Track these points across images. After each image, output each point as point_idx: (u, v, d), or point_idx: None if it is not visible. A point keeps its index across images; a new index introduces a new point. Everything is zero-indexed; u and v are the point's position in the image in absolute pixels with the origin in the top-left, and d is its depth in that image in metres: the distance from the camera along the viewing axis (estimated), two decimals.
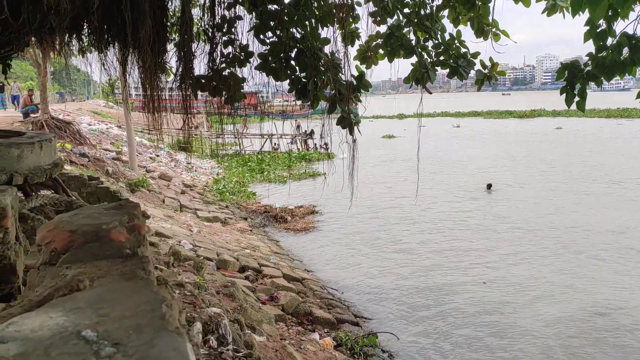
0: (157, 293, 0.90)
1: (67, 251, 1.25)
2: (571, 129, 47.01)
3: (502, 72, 7.47)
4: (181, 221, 13.77)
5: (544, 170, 25.37)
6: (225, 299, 7.66)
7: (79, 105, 38.54)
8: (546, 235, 14.63)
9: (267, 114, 9.02)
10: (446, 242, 14.23)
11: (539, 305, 10.05)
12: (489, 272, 11.84)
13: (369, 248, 13.85)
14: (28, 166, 4.62)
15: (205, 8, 6.03)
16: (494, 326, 9.24)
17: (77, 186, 9.79)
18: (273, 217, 17.03)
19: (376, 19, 6.87)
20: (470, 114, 74.99)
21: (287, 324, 8.65)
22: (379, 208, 18.26)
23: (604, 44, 4.78)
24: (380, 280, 11.54)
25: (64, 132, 17.59)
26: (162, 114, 6.55)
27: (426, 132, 46.33)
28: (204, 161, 27.36)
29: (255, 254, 12.03)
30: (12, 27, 4.85)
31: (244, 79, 6.12)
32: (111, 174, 15.90)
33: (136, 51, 5.46)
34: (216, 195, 19.97)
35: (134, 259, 1.27)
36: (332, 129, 6.58)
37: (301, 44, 6.01)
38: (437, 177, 23.84)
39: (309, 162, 29.21)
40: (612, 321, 9.32)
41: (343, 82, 6.17)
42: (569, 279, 11.30)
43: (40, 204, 3.82)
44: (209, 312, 6.03)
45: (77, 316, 0.80)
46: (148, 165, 21.44)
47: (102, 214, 1.40)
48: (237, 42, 6.10)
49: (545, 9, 6.51)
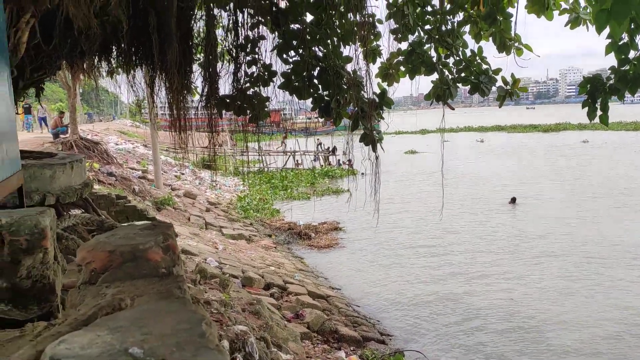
0: (195, 312, 0.94)
1: (106, 271, 1.30)
2: (598, 142, 46.14)
3: (524, 89, 7.43)
4: (206, 239, 13.90)
5: (569, 184, 25.00)
6: (251, 316, 7.69)
7: (106, 125, 39.41)
8: (572, 249, 14.39)
9: (290, 131, 9.13)
10: (471, 257, 14.05)
11: (568, 319, 9.85)
12: (515, 287, 11.66)
13: (394, 265, 13.76)
14: (60, 186, 4.77)
15: (229, 28, 6.16)
16: (523, 342, 9.08)
17: (106, 205, 10.00)
18: (297, 234, 17.06)
19: (397, 36, 6.92)
20: (494, 129, 74.26)
21: (313, 341, 8.62)
22: (403, 224, 18.15)
23: (626, 57, 4.74)
24: (406, 297, 11.44)
25: (92, 152, 17.98)
26: (187, 132, 6.68)
27: (449, 147, 45.80)
28: (227, 179, 27.61)
29: (280, 271, 12.06)
30: (45, 52, 5.03)
31: (267, 98, 6.21)
32: (138, 193, 16.17)
33: (163, 73, 5.60)
34: (240, 212, 20.10)
35: (169, 278, 1.31)
36: (354, 145, 6.61)
37: (323, 62, 6.09)
38: (461, 192, 23.63)
39: (331, 178, 29.26)
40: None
41: (365, 99, 6.21)
42: (597, 293, 11.06)
43: (72, 224, 3.92)
44: (236, 330, 6.06)
45: (122, 334, 0.84)
46: (173, 183, 21.73)
47: (137, 235, 1.44)
48: (260, 62, 6.21)
49: (569, 21, 6.49)
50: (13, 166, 3.45)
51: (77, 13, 4.15)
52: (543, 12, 6.54)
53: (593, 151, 39.68)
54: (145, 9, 4.82)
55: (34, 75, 5.20)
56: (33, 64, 4.95)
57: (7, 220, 1.70)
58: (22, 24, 4.24)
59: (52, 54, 5.11)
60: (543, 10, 6.52)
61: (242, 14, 5.94)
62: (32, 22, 4.34)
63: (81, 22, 4.27)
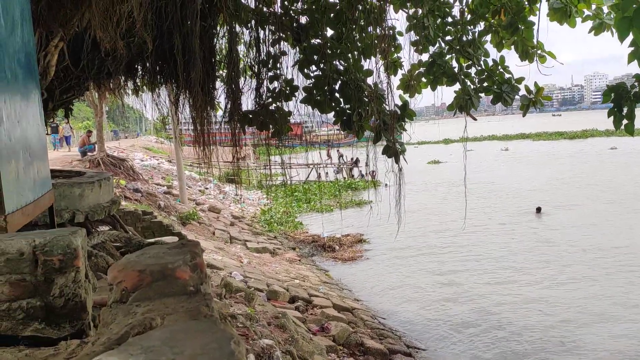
0: (224, 331, 0.96)
1: (136, 289, 1.34)
2: (626, 149, 45.11)
3: (548, 97, 7.34)
4: (231, 253, 13.99)
5: (596, 192, 24.48)
6: (276, 330, 7.70)
7: (131, 142, 40.11)
8: (598, 257, 14.12)
9: (312, 143, 9.15)
10: (497, 268, 13.87)
11: (599, 329, 9.63)
12: (543, 297, 11.45)
13: (418, 276, 13.65)
14: (89, 204, 4.88)
15: (250, 45, 6.25)
16: (553, 354, 8.88)
17: (133, 221, 10.15)
18: (321, 247, 17.05)
19: (418, 48, 6.93)
20: (519, 137, 73.31)
21: (339, 355, 8.58)
22: (427, 235, 18.00)
23: None
24: (431, 309, 11.32)
25: (119, 169, 18.32)
26: (211, 147, 6.77)
27: (474, 156, 45.74)
28: (251, 192, 27.81)
29: (305, 284, 12.06)
30: (73, 74, 5.19)
31: (290, 113, 6.27)
32: (163, 208, 16.39)
33: (187, 90, 5.71)
34: (264, 226, 20.20)
35: (197, 295, 1.34)
36: (377, 157, 6.62)
37: (344, 76, 6.13)
38: (485, 202, 23.45)
39: (354, 190, 29.23)
40: None
41: (387, 112, 6.22)
42: (626, 302, 10.81)
43: (101, 241, 4.00)
44: (262, 344, 6.08)
45: (154, 354, 0.87)
46: (198, 198, 21.97)
47: (166, 254, 1.48)
48: (282, 77, 6.28)
49: (592, 28, 6.41)
50: (44, 186, 3.56)
51: (104, 36, 4.27)
52: (565, 20, 6.49)
53: (621, 158, 38.82)
54: (169, 30, 4.93)
55: (63, 97, 5.36)
56: (62, 86, 5.11)
57: (41, 241, 1.76)
58: (51, 48, 4.38)
59: (80, 76, 5.26)
60: (565, 18, 6.47)
61: (263, 30, 6.03)
62: (60, 46, 4.49)
63: (108, 44, 4.40)
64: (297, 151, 8.89)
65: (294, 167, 34.51)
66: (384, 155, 6.37)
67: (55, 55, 4.45)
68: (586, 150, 46.94)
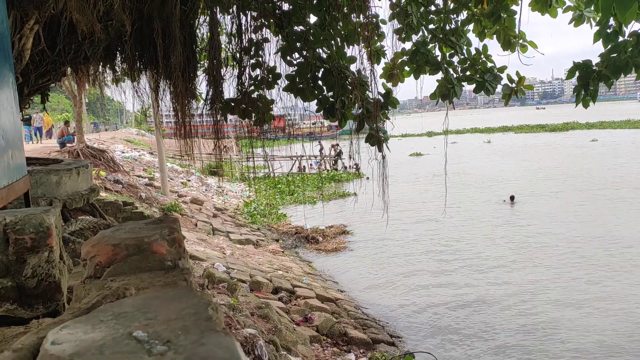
0: (201, 297, 0.92)
1: (111, 264, 1.29)
2: (606, 141, 45.87)
3: (529, 87, 7.39)
4: (214, 244, 13.90)
5: (571, 182, 25.12)
6: (259, 320, 7.66)
7: (112, 134, 39.60)
8: (571, 246, 14.55)
9: (295, 136, 9.08)
10: (477, 257, 14.04)
11: (578, 318, 9.77)
12: (523, 287, 11.60)
13: (401, 266, 13.70)
14: (66, 192, 4.77)
15: (232, 32, 6.16)
16: (534, 342, 8.99)
17: (113, 212, 10.01)
18: (304, 238, 17.02)
19: (401, 36, 6.91)
20: (501, 129, 74.12)
21: (322, 344, 8.58)
22: (409, 226, 18.10)
23: (615, 44, 4.76)
24: (414, 299, 11.37)
25: (99, 160, 18.04)
26: (193, 139, 6.69)
27: (457, 149, 46.25)
28: (234, 184, 27.65)
29: (288, 275, 12.03)
30: (49, 58, 5.05)
31: (272, 101, 6.20)
32: (144, 200, 16.21)
33: (167, 77, 5.61)
34: (247, 217, 20.11)
35: (175, 270, 1.29)
36: (361, 148, 6.59)
37: (328, 63, 6.08)
38: (465, 192, 23.88)
39: (338, 182, 29.24)
40: None
41: (370, 99, 6.19)
42: (596, 291, 11.09)
43: (79, 228, 3.92)
44: (245, 333, 6.04)
45: (126, 319, 0.82)
46: (180, 190, 21.78)
47: (142, 229, 1.43)
48: (264, 65, 6.20)
49: (572, 19, 6.46)
50: (19, 171, 3.46)
51: (81, 18, 4.17)
52: (546, 10, 6.52)
53: (601, 150, 39.43)
54: (149, 14, 4.83)
55: (39, 82, 5.22)
56: (38, 70, 4.97)
57: (12, 219, 1.69)
58: (26, 31, 4.26)
59: (57, 60, 5.13)
60: (546, 8, 6.51)
61: (245, 17, 5.95)
62: (36, 29, 4.37)
63: (85, 27, 4.29)
64: (280, 144, 8.83)
65: (278, 160, 34.48)
66: (367, 143, 6.34)
67: (30, 38, 4.33)
68: (567, 143, 47.53)
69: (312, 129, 31.70)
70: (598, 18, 5.57)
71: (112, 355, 0.70)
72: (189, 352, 0.70)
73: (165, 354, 0.70)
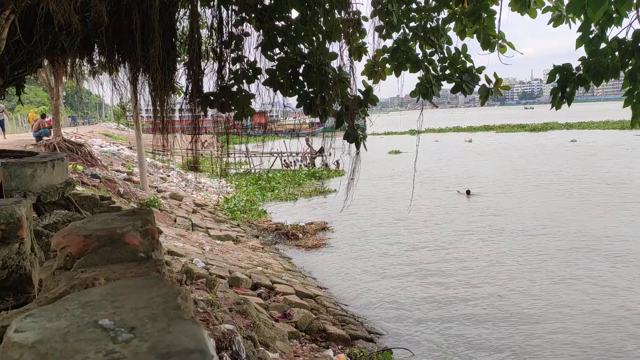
0: (171, 287, 0.91)
1: (81, 255, 1.27)
2: (586, 141, 46.79)
3: (506, 87, 7.46)
4: (193, 240, 13.80)
5: (535, 179, 26.30)
6: (238, 316, 7.64)
7: (90, 128, 39.06)
8: (507, 234, 15.78)
9: (276, 132, 9.05)
10: (455, 253, 14.35)
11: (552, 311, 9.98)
12: (500, 282, 11.85)
13: (380, 263, 13.80)
14: (41, 185, 4.69)
15: (212, 26, 6.10)
16: (509, 336, 9.13)
17: (90, 206, 9.87)
18: (284, 235, 17.01)
19: (382, 33, 6.92)
20: (483, 128, 75.06)
21: (301, 341, 8.59)
22: (388, 222, 18.34)
23: (596, 49, 4.83)
24: (393, 295, 11.45)
25: (76, 154, 17.79)
26: (172, 134, 6.62)
27: (438, 147, 46.80)
28: (214, 180, 27.49)
29: (268, 272, 12.01)
30: (25, 49, 4.96)
31: (252, 95, 6.16)
32: (123, 194, 16.02)
33: (146, 70, 5.54)
34: (227, 213, 20.01)
35: (148, 262, 1.28)
36: (344, 145, 6.59)
37: (309, 59, 6.06)
38: (436, 188, 24.87)
39: (318, 179, 29.27)
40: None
41: (350, 96, 6.19)
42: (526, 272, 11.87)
43: (54, 222, 3.86)
44: (222, 329, 6.01)
45: (93, 308, 0.81)
46: (159, 185, 21.58)
47: (115, 220, 1.41)
48: (245, 59, 6.15)
49: (551, 19, 6.55)
50: None
51: (58, 9, 4.09)
52: (526, 10, 6.61)
53: (580, 150, 40.18)
54: (127, 6, 4.76)
55: (14, 73, 5.12)
56: (13, 61, 4.87)
57: None
58: (1, 21, 4.18)
59: (33, 51, 5.03)
60: (525, 9, 6.59)
61: (226, 10, 5.90)
62: (11, 19, 4.28)
63: (62, 18, 4.21)
64: (260, 140, 8.79)
65: (258, 156, 34.37)
66: (345, 140, 6.34)
67: (5, 28, 4.25)
68: (547, 143, 48.30)
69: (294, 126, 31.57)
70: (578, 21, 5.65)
71: (76, 342, 0.69)
72: (155, 339, 0.69)
73: (131, 341, 0.69)
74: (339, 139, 6.52)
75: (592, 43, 4.93)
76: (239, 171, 32.11)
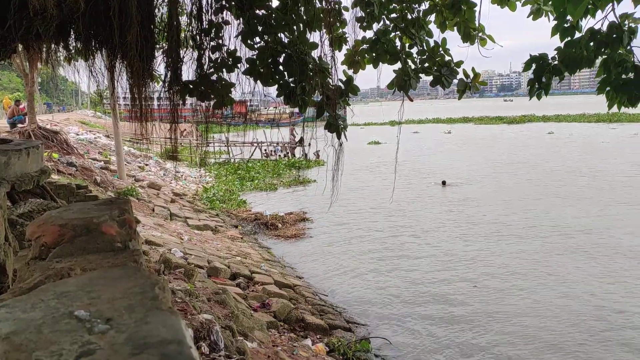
0: (148, 277, 0.90)
1: (57, 245, 1.25)
2: (563, 134, 47.61)
3: (483, 83, 7.52)
4: (171, 229, 13.70)
5: (510, 171, 26.80)
6: (216, 306, 7.62)
7: (66, 115, 38.37)
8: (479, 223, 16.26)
9: (257, 122, 8.99)
10: (432, 243, 14.52)
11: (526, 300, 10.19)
12: (475, 271, 12.07)
13: (359, 253, 13.88)
14: (15, 173, 4.58)
15: (192, 13, 6.02)
16: (485, 327, 9.28)
17: (66, 195, 9.72)
18: (264, 225, 16.99)
19: (362, 24, 6.91)
20: (462, 120, 75.75)
21: (279, 330, 8.61)
22: (366, 213, 18.49)
23: (571, 39, 4.92)
24: (371, 285, 11.55)
25: (51, 142, 17.46)
26: (150, 122, 6.53)
27: (418, 139, 47.22)
28: (193, 170, 27.27)
29: (247, 261, 11.99)
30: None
31: (232, 84, 6.11)
32: (99, 183, 15.81)
33: (124, 57, 5.45)
34: (206, 203, 19.90)
35: (125, 252, 1.26)
36: (321, 136, 6.58)
37: (289, 48, 6.02)
38: (415, 179, 25.14)
39: (298, 169, 29.24)
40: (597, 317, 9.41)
41: (331, 86, 6.18)
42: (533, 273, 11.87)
43: (28, 210, 3.79)
44: (200, 319, 5.99)
45: (68, 298, 0.80)
46: (137, 174, 21.34)
47: (92, 209, 1.39)
48: (225, 48, 6.09)
49: (531, 12, 6.61)
50: None
51: None
52: (505, 3, 6.66)
53: (556, 142, 40.86)
54: None
55: None
56: None
57: None
58: None
59: (7, 36, 4.90)
60: (505, 1, 6.64)
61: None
62: None
63: (37, 2, 4.12)
64: (240, 129, 8.73)
65: (238, 145, 34.16)
66: (326, 130, 6.34)
67: None
68: (524, 135, 48.99)
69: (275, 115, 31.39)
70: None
71: (51, 334, 0.68)
72: (132, 330, 0.69)
73: (107, 332, 0.68)
74: (319, 130, 6.52)
75: (566, 32, 5.02)
76: (218, 161, 31.92)
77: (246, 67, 5.86)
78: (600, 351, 8.42)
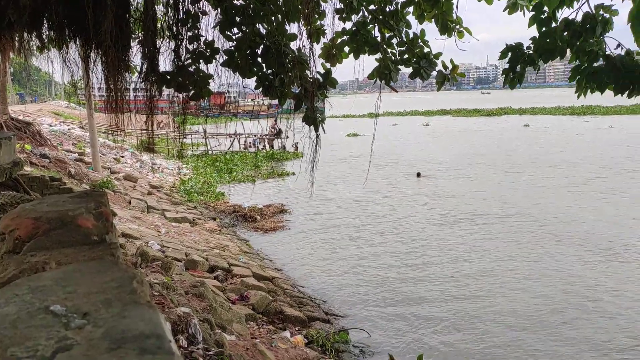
0: (125, 271, 0.89)
1: (31, 239, 1.22)
2: (538, 126, 48.44)
3: (462, 74, 7.58)
4: (148, 222, 13.56)
5: (484, 162, 27.39)
6: (194, 299, 7.58)
7: (39, 106, 37.60)
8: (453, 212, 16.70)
9: (235, 114, 8.94)
10: (407, 234, 14.70)
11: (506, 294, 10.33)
12: (451, 262, 12.23)
13: (337, 245, 13.95)
14: None
15: (169, 3, 5.93)
16: (461, 319, 9.41)
17: (39, 187, 9.53)
18: (242, 217, 16.92)
19: (342, 16, 6.89)
20: (440, 112, 76.48)
21: (258, 323, 8.61)
22: (344, 204, 18.59)
23: (547, 29, 5.03)
24: (350, 277, 11.61)
25: (24, 133, 17.10)
26: (126, 113, 6.44)
27: (396, 131, 47.49)
28: (170, 162, 26.99)
29: (225, 254, 11.94)
30: None
31: (210, 75, 6.05)
32: (74, 175, 15.54)
33: (98, 47, 5.35)
34: (184, 196, 19.73)
35: (101, 245, 1.24)
36: (299, 128, 6.57)
37: (267, 39, 5.98)
38: (390, 170, 25.47)
39: (277, 161, 29.17)
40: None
41: (309, 78, 6.16)
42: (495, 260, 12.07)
43: (1, 203, 3.71)
44: (178, 312, 5.96)
45: (44, 293, 0.79)
46: (112, 166, 21.04)
47: (67, 202, 1.37)
48: (202, 38, 6.02)
49: (507, 7, 6.67)
50: None
51: None
52: None
53: (532, 134, 41.56)
54: None
55: None
56: None
57: None
58: None
59: None
60: None
61: None
62: None
63: None
64: (218, 121, 8.66)
65: (216, 137, 33.91)
66: (304, 122, 6.32)
67: None
68: (501, 127, 49.66)
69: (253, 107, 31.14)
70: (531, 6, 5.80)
71: (26, 329, 0.67)
72: (109, 325, 0.68)
73: (84, 327, 0.67)
74: (298, 121, 6.50)
75: (543, 23, 5.11)
76: (196, 153, 31.65)
77: (225, 59, 5.80)
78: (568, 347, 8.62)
